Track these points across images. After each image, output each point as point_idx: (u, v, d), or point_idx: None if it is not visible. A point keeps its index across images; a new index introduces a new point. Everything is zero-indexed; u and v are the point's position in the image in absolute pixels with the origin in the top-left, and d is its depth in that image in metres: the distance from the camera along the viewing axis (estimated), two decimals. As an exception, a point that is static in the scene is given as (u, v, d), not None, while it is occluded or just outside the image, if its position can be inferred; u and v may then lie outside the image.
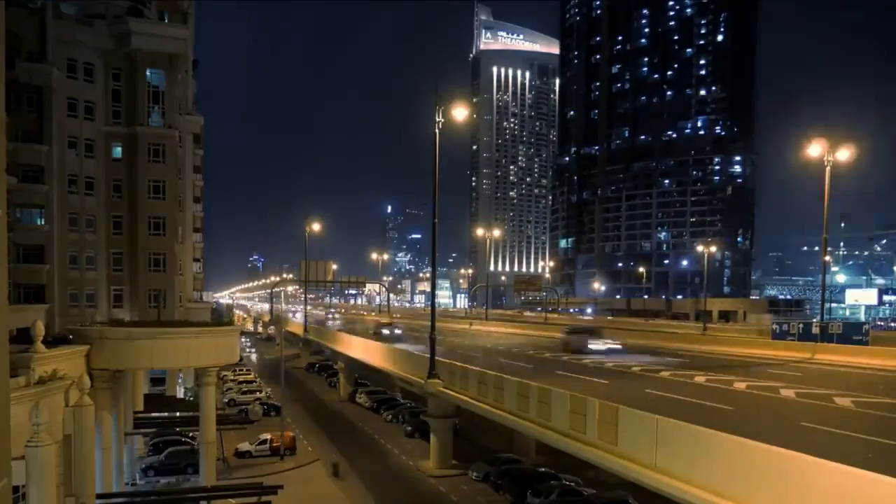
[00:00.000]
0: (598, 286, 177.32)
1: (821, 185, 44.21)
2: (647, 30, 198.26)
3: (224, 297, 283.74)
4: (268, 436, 44.73)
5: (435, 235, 37.74)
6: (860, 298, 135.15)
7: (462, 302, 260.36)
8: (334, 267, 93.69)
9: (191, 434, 41.03)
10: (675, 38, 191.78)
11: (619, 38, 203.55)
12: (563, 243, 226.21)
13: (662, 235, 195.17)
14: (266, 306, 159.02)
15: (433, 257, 40.69)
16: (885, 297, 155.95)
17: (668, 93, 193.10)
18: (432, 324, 37.57)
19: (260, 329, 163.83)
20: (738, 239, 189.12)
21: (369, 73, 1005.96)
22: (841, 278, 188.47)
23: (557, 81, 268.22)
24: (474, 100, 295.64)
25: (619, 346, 48.77)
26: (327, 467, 41.45)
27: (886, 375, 34.82)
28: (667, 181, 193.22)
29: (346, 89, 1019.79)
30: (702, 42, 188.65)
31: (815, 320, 55.32)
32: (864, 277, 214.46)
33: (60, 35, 46.41)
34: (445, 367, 36.32)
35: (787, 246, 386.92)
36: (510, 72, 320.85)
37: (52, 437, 18.82)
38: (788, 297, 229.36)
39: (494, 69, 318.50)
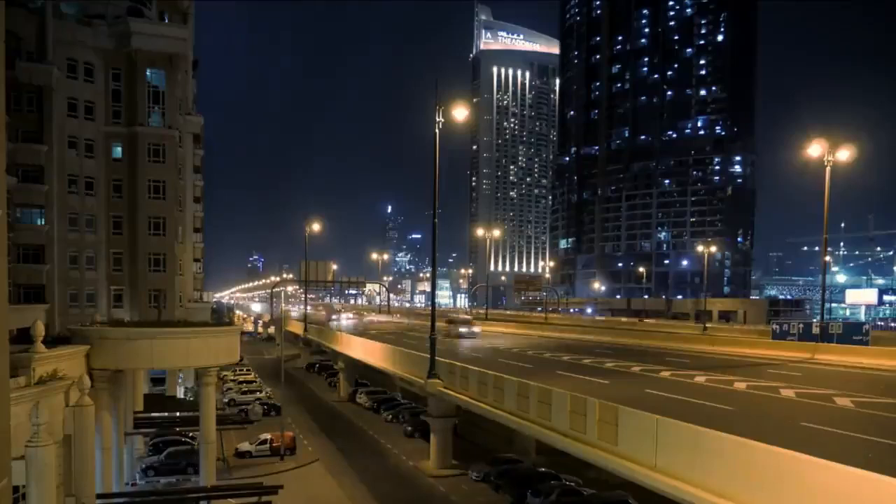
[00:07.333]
0: (598, 286, 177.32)
1: (821, 185, 44.15)
2: (646, 30, 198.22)
3: (224, 297, 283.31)
4: (268, 436, 44.74)
5: (435, 235, 37.74)
6: (860, 298, 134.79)
7: (462, 302, 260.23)
8: (334, 267, 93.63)
9: (191, 434, 41.06)
10: (675, 38, 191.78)
11: (619, 38, 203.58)
12: (563, 243, 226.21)
13: (662, 235, 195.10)
14: (262, 306, 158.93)
15: (433, 257, 40.69)
16: (886, 297, 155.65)
17: (668, 93, 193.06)
18: (432, 324, 37.52)
19: (260, 329, 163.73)
20: (738, 239, 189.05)
21: (369, 72, 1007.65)
22: (841, 278, 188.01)
23: (557, 81, 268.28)
24: (474, 100, 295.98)
25: (478, 331, 68.33)
26: (327, 467, 41.42)
27: (887, 375, 34.76)
28: (667, 181, 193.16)
29: (347, 89, 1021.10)
30: (702, 42, 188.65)
31: (815, 320, 55.21)
32: (865, 277, 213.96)
33: (60, 35, 46.37)
34: (445, 366, 36.29)
35: (787, 246, 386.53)
36: (510, 72, 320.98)
37: (52, 437, 18.83)
38: (789, 297, 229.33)
39: (494, 69, 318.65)
